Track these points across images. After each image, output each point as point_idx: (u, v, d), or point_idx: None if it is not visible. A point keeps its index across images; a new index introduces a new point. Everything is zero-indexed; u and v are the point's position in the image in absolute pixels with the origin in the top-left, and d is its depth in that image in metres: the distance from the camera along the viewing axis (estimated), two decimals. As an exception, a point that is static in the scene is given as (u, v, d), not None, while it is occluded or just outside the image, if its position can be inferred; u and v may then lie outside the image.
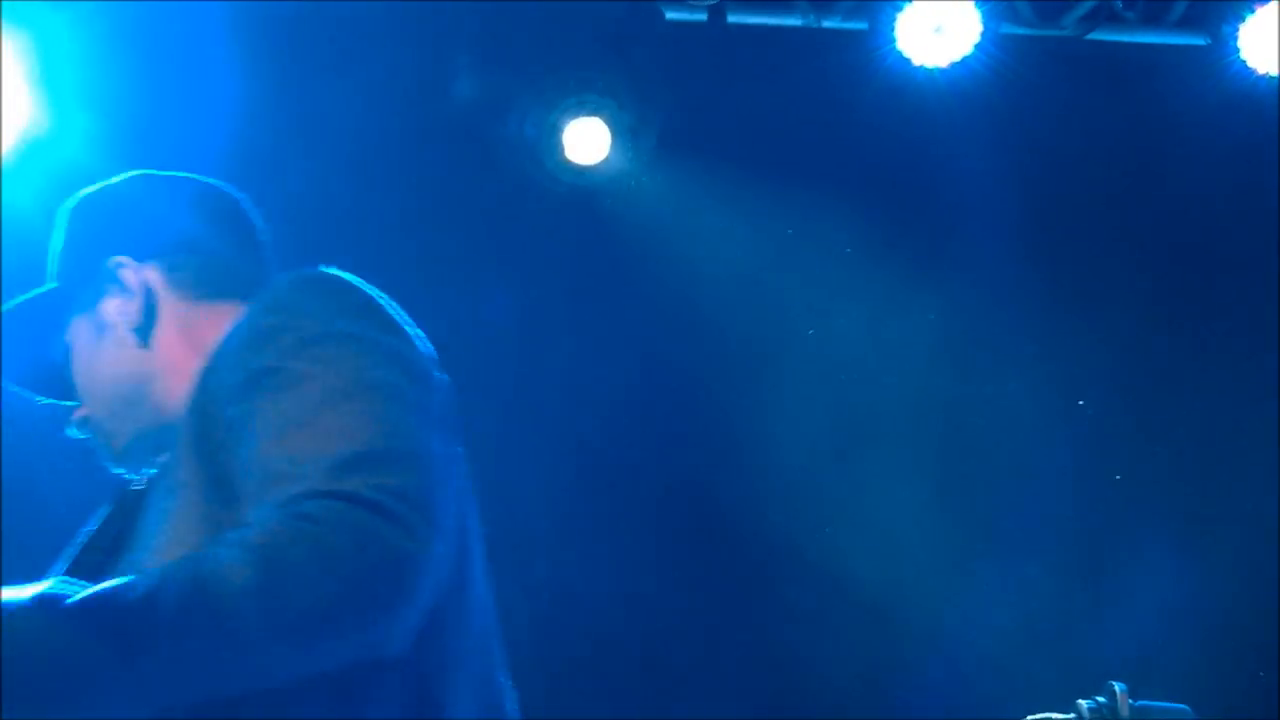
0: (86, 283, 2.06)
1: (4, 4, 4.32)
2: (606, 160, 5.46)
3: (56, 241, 2.14)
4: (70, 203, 2.16)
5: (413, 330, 1.95)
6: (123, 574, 1.56)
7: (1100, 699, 3.61)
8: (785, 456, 5.62)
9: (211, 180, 2.25)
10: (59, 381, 2.09)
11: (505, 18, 5.33)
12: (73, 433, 2.08)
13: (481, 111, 5.38)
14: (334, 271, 1.96)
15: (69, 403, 2.09)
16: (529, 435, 5.59)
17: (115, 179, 2.18)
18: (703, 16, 5.36)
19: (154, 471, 1.93)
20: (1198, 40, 5.43)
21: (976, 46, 5.16)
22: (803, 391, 5.52)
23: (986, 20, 5.13)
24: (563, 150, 5.43)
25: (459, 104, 5.34)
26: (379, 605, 1.53)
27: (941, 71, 5.27)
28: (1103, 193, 5.80)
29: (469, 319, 5.58)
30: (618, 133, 5.45)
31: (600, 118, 5.44)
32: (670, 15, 5.38)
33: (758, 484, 5.52)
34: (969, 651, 5.50)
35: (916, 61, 5.21)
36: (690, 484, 5.68)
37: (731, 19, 5.36)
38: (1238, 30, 5.23)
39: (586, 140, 5.44)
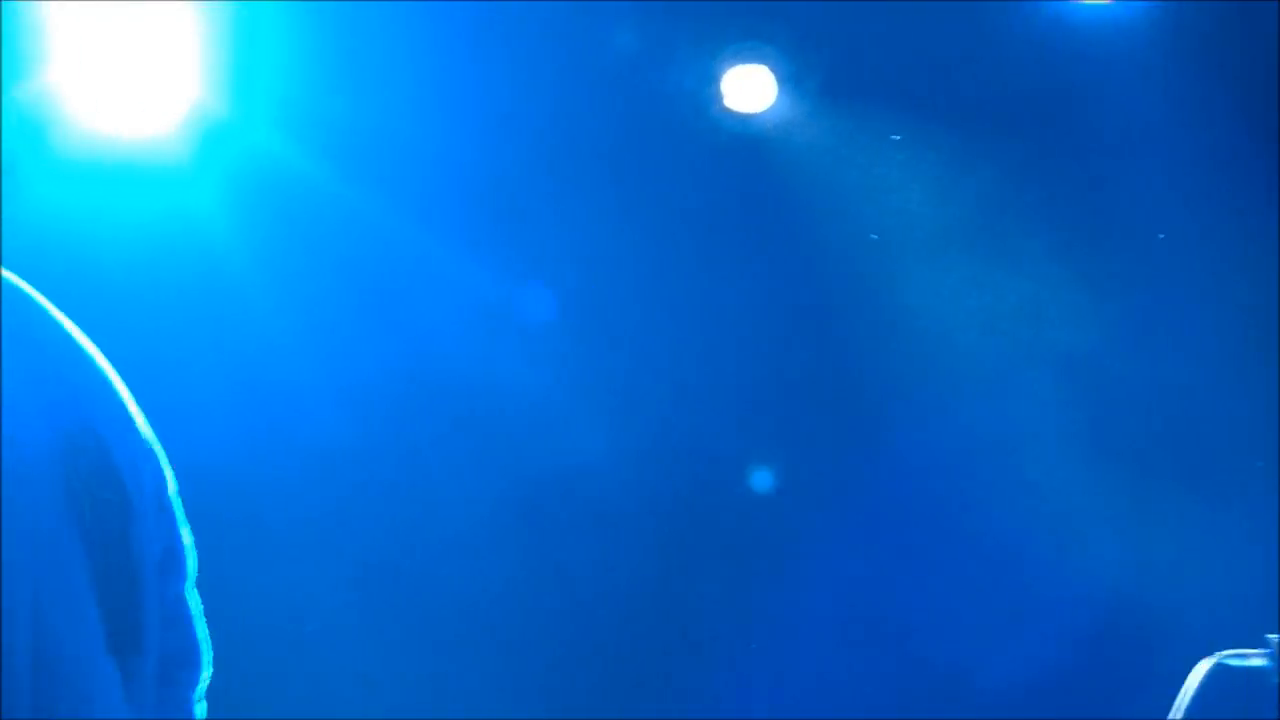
0: None
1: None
2: (770, 108, 5.41)
3: None
4: None
5: None
6: None
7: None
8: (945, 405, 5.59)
9: None
10: None
11: (664, -35, 5.28)
12: None
13: (643, 62, 5.33)
14: None
15: None
16: (699, 384, 5.59)
17: None
18: (868, -43, 5.27)
19: None
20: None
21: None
22: (963, 341, 5.46)
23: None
24: (725, 99, 5.39)
25: (620, 55, 5.30)
26: None
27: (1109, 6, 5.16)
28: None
29: (633, 272, 5.59)
30: (781, 80, 5.39)
31: (763, 64, 5.39)
32: (833, -43, 5.30)
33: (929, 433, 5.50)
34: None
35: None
36: (866, 431, 5.66)
37: (898, -42, 5.27)
38: None
39: (749, 88, 5.39)
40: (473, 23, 5.06)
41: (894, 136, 5.23)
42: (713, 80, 5.40)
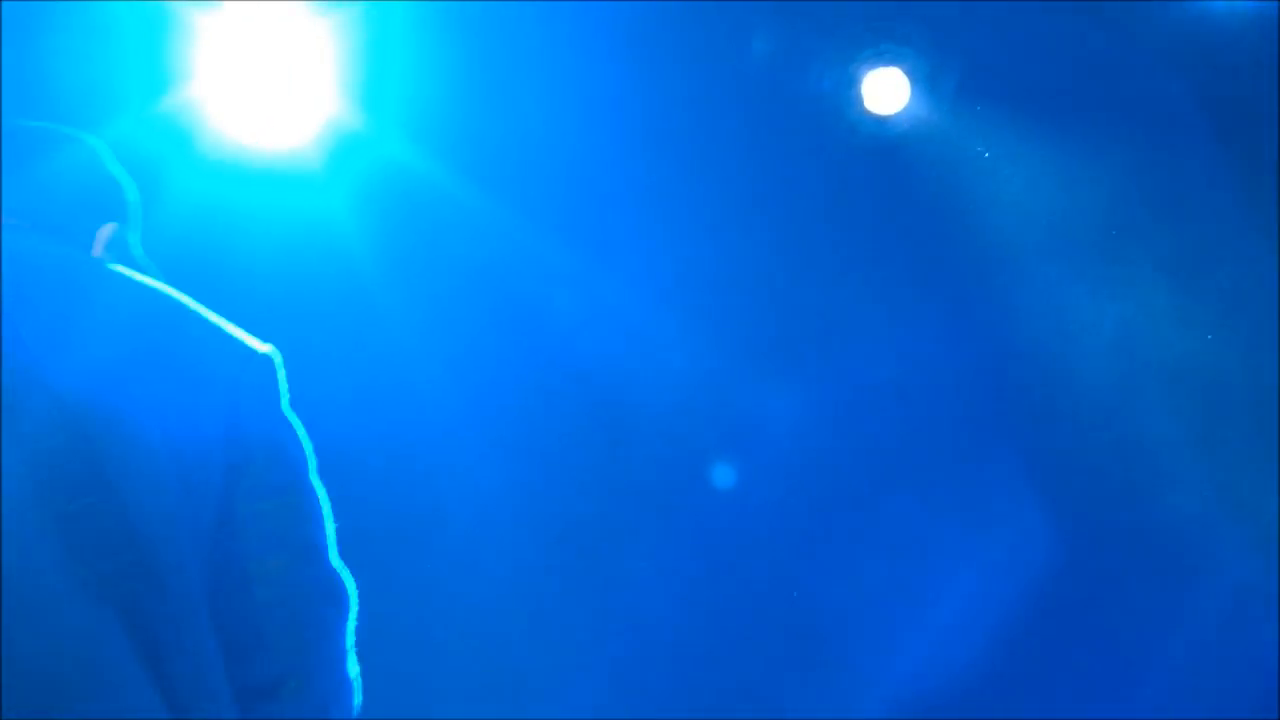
0: None
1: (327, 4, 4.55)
2: (906, 109, 5.42)
3: None
4: None
5: None
6: None
7: None
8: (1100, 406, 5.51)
9: None
10: None
11: (801, -29, 5.33)
12: None
13: (780, 66, 5.39)
14: None
15: None
16: (841, 385, 5.62)
17: None
18: (1001, -43, 5.24)
19: None
20: None
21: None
22: (1088, 344, 5.39)
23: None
24: (862, 101, 5.42)
25: (758, 60, 5.37)
26: None
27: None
28: None
29: (774, 274, 5.64)
30: (916, 81, 5.40)
31: (898, 66, 5.40)
32: (968, -43, 5.29)
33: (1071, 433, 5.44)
34: None
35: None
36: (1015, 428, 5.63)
37: (1030, -43, 5.23)
38: None
39: (885, 90, 5.41)
40: (608, 29, 5.16)
41: (983, 153, 5.20)
42: (850, 83, 5.45)
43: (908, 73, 5.37)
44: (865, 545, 5.46)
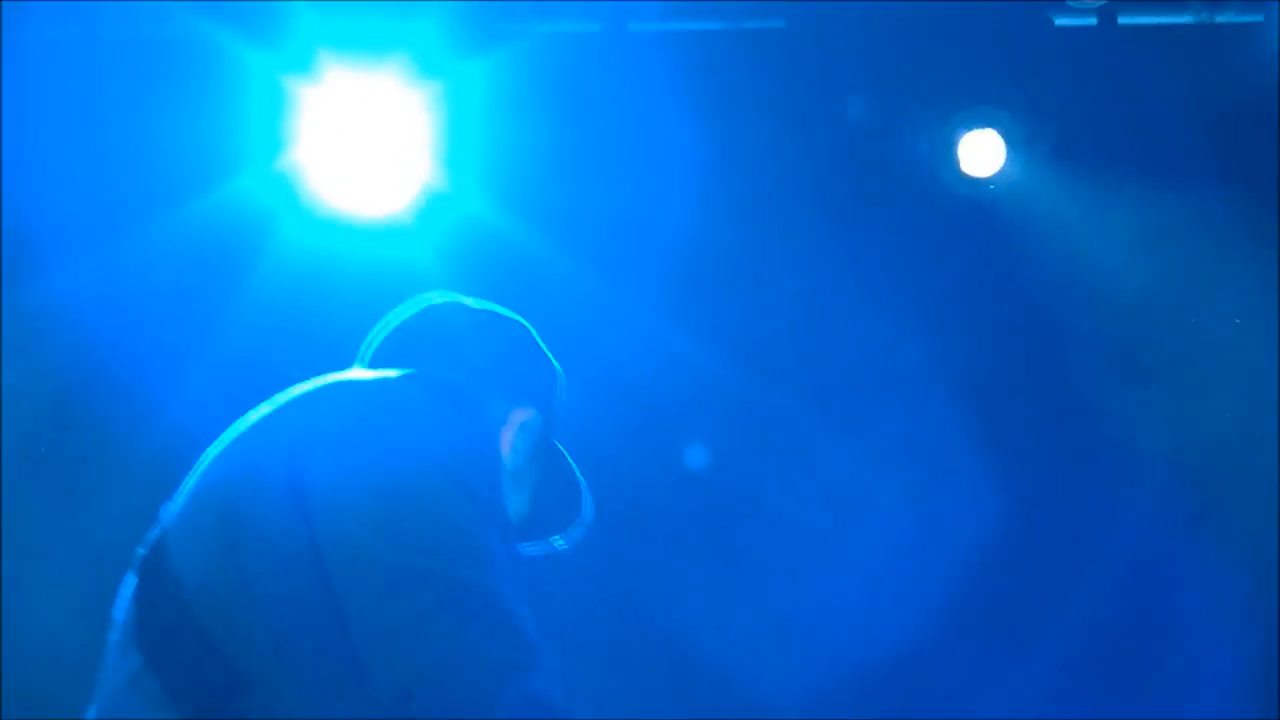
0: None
1: (415, 59, 5.10)
2: (1002, 170, 5.47)
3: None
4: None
5: None
6: None
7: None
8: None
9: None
10: None
11: (896, 36, 5.47)
12: None
13: (877, 130, 5.54)
14: None
15: None
16: (938, 440, 5.69)
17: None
18: (1093, 20, 5.26)
19: None
20: None
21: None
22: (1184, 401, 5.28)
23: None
24: (958, 163, 5.51)
25: (854, 124, 5.55)
26: None
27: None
28: None
29: (873, 335, 5.78)
30: (1012, 143, 5.45)
31: (994, 129, 5.47)
32: (1060, 21, 5.32)
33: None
34: None
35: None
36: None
37: (1122, 20, 5.22)
38: None
39: (981, 152, 5.48)
40: (701, 94, 5.47)
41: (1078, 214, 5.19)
42: (947, 145, 5.54)
43: (1003, 135, 5.45)
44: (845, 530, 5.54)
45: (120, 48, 5.17)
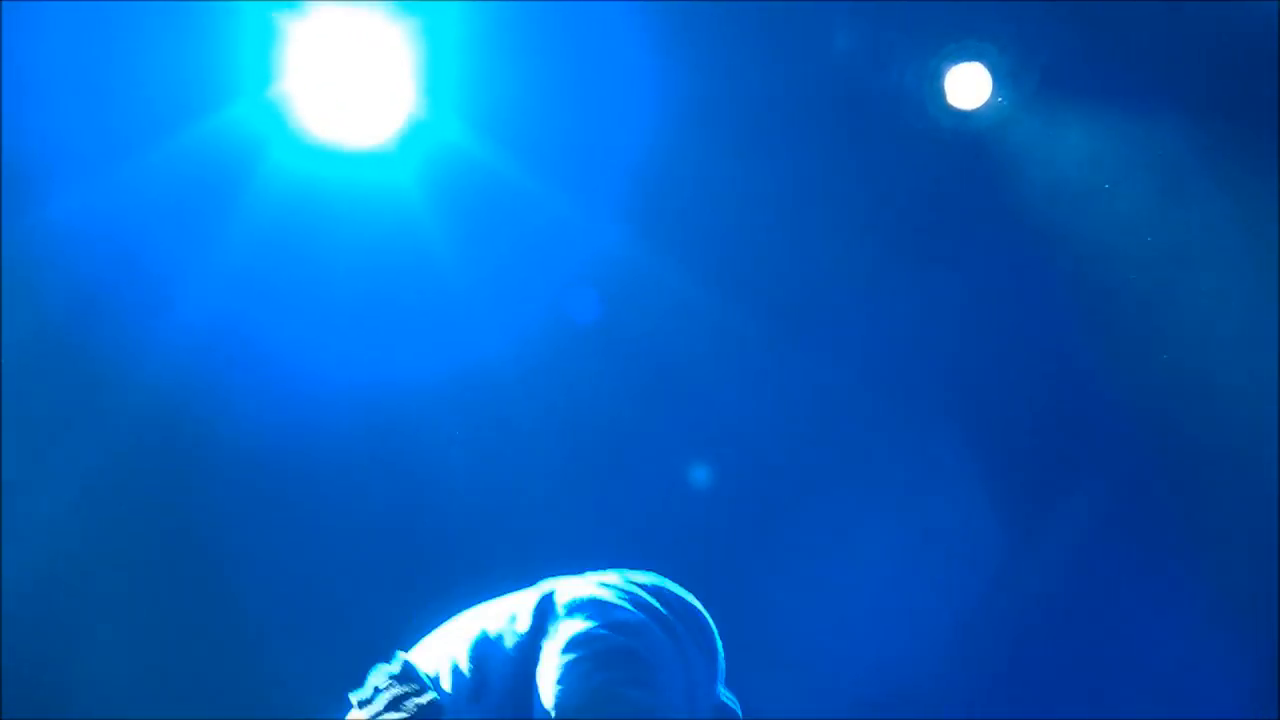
0: None
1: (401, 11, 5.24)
2: (988, 104, 5.44)
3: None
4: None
5: None
6: None
7: None
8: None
9: None
10: None
11: (883, -33, 5.46)
12: None
13: (862, 63, 5.54)
14: None
15: None
16: (917, 379, 5.70)
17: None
18: (1082, -48, 5.20)
19: None
20: None
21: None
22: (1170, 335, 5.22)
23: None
24: (944, 96, 5.48)
25: (839, 56, 5.54)
26: None
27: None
28: None
29: (854, 270, 5.79)
30: (998, 76, 5.41)
31: (980, 62, 5.43)
32: (1046, -47, 5.27)
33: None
34: None
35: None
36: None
37: (1110, -46, 5.16)
38: None
39: (967, 85, 5.45)
40: (685, 24, 5.50)
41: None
42: (932, 78, 5.51)
43: (989, 68, 5.41)
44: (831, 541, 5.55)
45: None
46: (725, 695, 2.36)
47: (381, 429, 5.52)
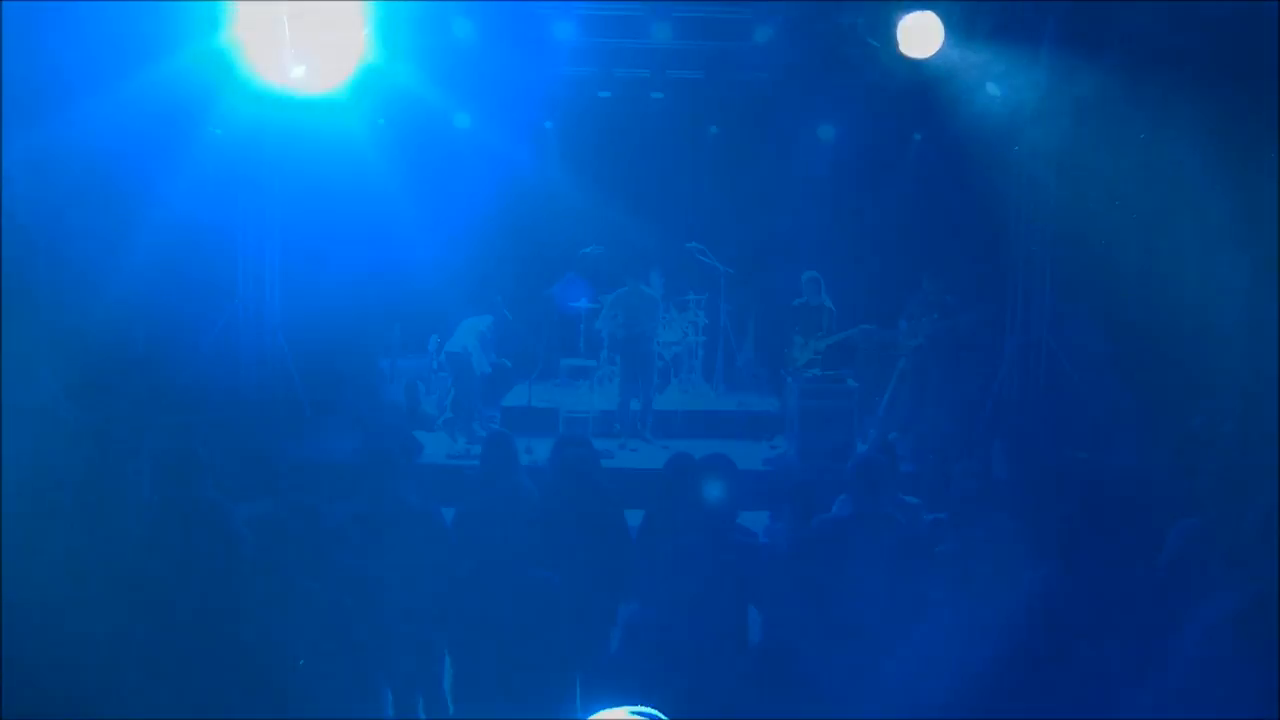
0: None
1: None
2: (940, 53, 5.39)
3: None
4: None
5: None
6: None
7: None
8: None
9: None
10: None
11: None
12: None
13: (815, 7, 5.47)
14: None
15: None
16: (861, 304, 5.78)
17: None
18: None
19: None
20: None
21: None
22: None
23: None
24: (897, 44, 5.43)
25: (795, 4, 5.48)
26: None
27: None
28: None
29: (797, 215, 5.86)
30: (950, 25, 5.35)
31: (933, 10, 5.37)
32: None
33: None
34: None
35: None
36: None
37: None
38: None
39: (920, 33, 5.40)
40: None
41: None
42: (885, 26, 5.46)
43: (942, 17, 5.35)
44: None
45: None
46: None
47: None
